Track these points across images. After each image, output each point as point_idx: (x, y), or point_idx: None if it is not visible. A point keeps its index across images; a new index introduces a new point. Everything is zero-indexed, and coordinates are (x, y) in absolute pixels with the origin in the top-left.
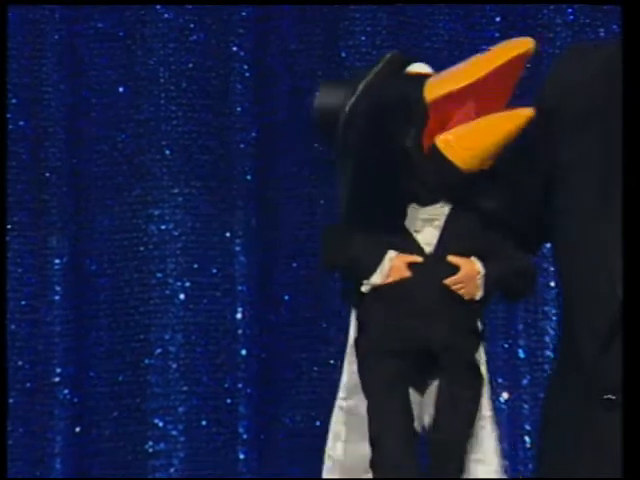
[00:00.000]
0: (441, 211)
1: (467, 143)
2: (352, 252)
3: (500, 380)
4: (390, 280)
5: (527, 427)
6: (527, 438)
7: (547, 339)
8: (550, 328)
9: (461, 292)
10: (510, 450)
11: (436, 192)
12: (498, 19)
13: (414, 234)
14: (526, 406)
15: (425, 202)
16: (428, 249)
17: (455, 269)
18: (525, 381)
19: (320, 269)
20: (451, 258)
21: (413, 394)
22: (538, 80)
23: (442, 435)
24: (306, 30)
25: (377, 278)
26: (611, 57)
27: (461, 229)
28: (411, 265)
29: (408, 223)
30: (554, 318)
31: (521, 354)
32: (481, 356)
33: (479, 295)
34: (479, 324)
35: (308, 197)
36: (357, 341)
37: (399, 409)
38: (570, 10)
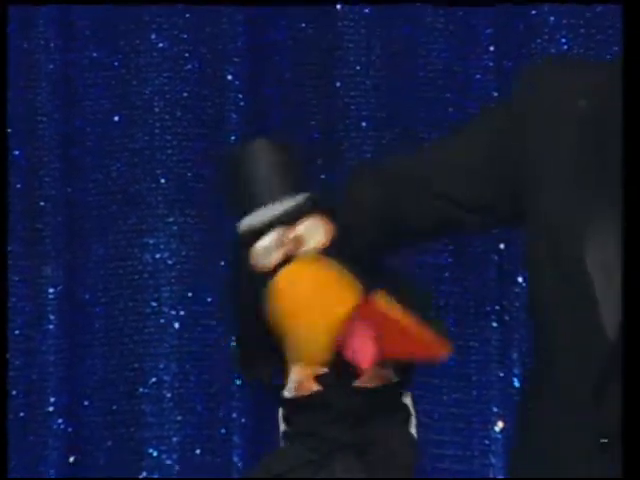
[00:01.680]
0: None
1: None
2: (260, 371)
3: (495, 409)
4: (300, 394)
5: None
6: None
7: None
8: None
9: (374, 384)
10: None
11: None
12: (492, 48)
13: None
14: None
15: None
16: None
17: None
18: None
19: None
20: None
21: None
22: None
23: None
24: (300, 59)
25: (287, 394)
26: (585, 72)
27: None
28: (318, 375)
29: None
30: None
31: (516, 383)
32: (411, 425)
33: (394, 378)
34: (406, 400)
35: None
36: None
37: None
38: (564, 40)
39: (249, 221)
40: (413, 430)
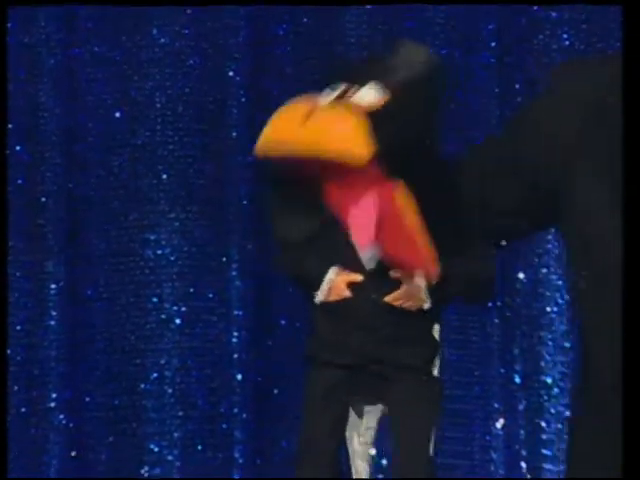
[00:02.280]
0: None
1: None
2: (301, 267)
3: (496, 405)
4: (331, 299)
5: (523, 452)
6: (523, 463)
7: (543, 364)
8: (546, 353)
9: (405, 306)
10: (506, 475)
11: None
12: (494, 44)
13: (358, 250)
14: (522, 431)
15: None
16: (370, 265)
17: (398, 284)
18: (521, 406)
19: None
20: (393, 273)
21: (352, 412)
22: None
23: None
24: (301, 55)
25: (319, 296)
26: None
27: None
28: (352, 283)
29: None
30: (550, 343)
31: (517, 379)
32: (435, 363)
33: (426, 306)
34: (434, 331)
35: None
36: (305, 347)
37: (327, 430)
38: (565, 35)
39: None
40: (436, 368)
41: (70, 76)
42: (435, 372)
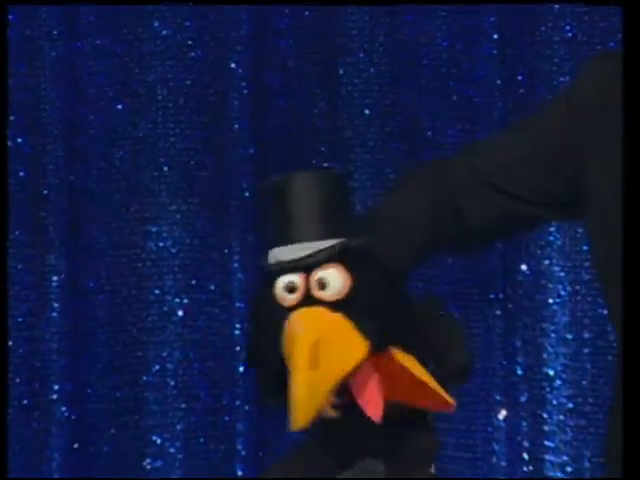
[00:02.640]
0: None
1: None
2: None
3: (498, 397)
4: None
5: (525, 444)
6: (525, 455)
7: (545, 356)
8: (549, 345)
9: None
10: (508, 467)
11: None
12: (496, 36)
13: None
14: (524, 423)
15: None
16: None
17: None
18: (523, 398)
19: None
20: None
21: None
22: (534, 96)
23: None
24: (304, 47)
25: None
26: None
27: None
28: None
29: None
30: (552, 335)
31: (519, 371)
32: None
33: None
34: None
35: None
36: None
37: None
38: (568, 27)
39: (278, 254)
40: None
41: (71, 69)
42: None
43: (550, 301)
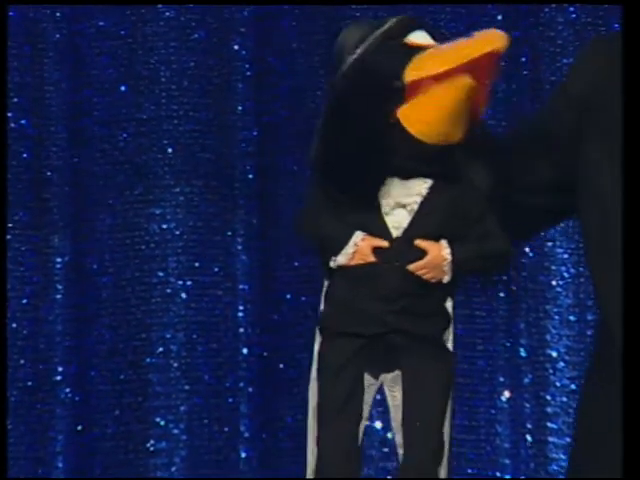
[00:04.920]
0: (419, 190)
1: (422, 115)
2: (323, 229)
3: (501, 379)
4: (354, 263)
5: (529, 426)
6: (529, 437)
7: (548, 338)
8: (552, 327)
9: (427, 277)
10: (512, 449)
11: (410, 165)
12: (500, 17)
13: (385, 216)
14: (527, 405)
15: (405, 176)
16: (396, 232)
17: (422, 253)
18: (526, 380)
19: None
20: (418, 242)
21: (368, 378)
22: (538, 78)
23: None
24: (307, 29)
25: (342, 259)
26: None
27: (435, 211)
28: (377, 248)
29: (381, 204)
30: (556, 317)
31: (522, 353)
32: (448, 337)
33: (446, 279)
34: (448, 305)
35: None
36: (320, 315)
37: (343, 399)
38: (572, 9)
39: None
40: (449, 341)
41: (75, 51)
42: (449, 345)
43: (553, 283)
